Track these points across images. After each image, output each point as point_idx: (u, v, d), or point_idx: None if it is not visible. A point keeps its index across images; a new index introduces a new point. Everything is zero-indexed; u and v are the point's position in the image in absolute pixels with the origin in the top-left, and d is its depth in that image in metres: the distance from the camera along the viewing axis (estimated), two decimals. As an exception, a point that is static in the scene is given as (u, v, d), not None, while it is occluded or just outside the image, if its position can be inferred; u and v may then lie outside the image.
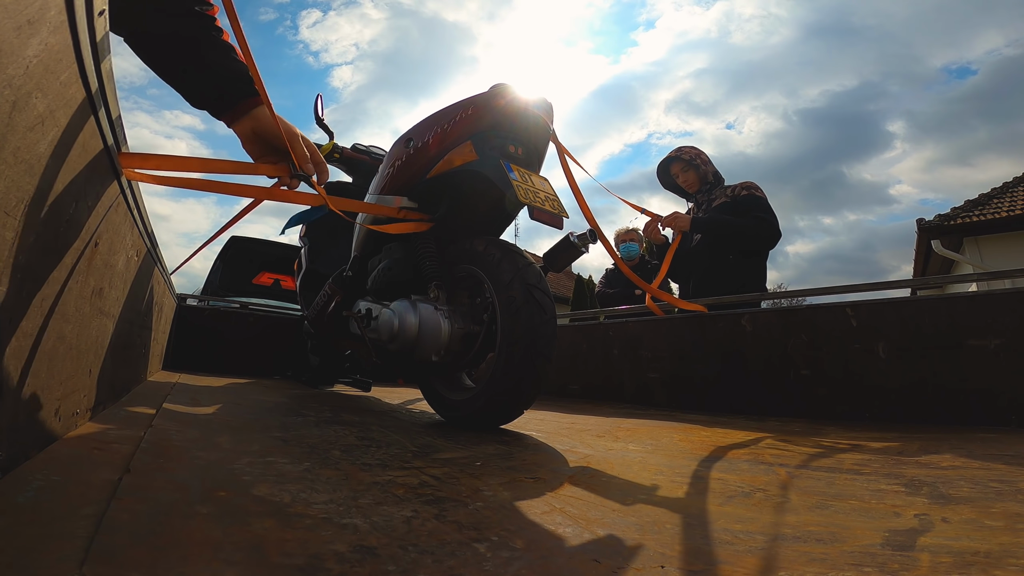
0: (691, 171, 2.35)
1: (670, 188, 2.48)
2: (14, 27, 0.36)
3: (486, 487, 0.64)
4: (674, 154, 2.40)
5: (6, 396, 0.46)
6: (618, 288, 3.17)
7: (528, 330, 1.04)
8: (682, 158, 2.36)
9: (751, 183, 2.23)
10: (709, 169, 2.33)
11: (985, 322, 1.28)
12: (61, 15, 0.43)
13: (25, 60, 0.38)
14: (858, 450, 0.95)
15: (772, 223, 2.11)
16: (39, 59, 0.40)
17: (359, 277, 1.53)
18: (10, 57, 0.36)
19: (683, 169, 2.37)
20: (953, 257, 6.71)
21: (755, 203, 2.15)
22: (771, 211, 2.13)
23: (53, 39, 0.42)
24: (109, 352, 0.89)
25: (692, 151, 2.37)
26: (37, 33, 0.39)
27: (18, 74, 0.37)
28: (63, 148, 0.50)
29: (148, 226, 1.12)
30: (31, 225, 0.45)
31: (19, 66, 0.37)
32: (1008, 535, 0.48)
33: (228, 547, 0.39)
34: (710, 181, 2.33)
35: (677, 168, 2.39)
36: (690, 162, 2.34)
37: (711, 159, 2.37)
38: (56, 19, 0.42)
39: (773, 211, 2.14)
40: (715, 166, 2.36)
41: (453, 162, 1.22)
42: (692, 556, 0.44)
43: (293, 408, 1.30)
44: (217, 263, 4.25)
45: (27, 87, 0.39)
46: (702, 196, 2.34)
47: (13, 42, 0.36)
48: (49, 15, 0.41)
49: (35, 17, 0.39)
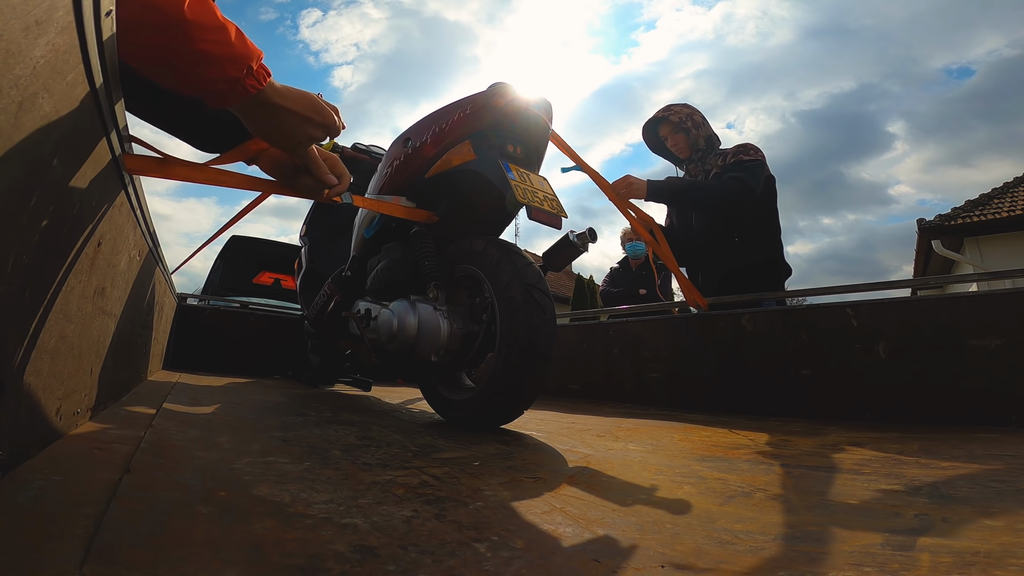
0: (680, 134, 2.03)
1: (658, 151, 2.16)
2: (22, 27, 0.36)
3: (486, 487, 0.64)
4: (662, 113, 2.07)
5: (8, 395, 0.46)
6: (622, 287, 3.18)
7: (528, 330, 1.04)
8: (670, 119, 2.04)
9: (745, 146, 1.95)
10: (701, 133, 2.02)
11: (985, 322, 1.28)
12: (68, 16, 0.43)
13: (32, 60, 0.38)
14: (858, 450, 0.95)
15: (745, 181, 1.82)
16: (46, 59, 0.40)
17: (358, 277, 1.53)
18: (17, 57, 0.36)
19: (672, 131, 2.05)
20: (954, 257, 6.70)
21: (736, 167, 1.88)
22: (754, 171, 1.87)
23: (60, 39, 0.42)
24: (110, 351, 0.89)
25: (683, 111, 2.04)
26: (44, 33, 0.39)
27: (25, 74, 0.37)
28: (68, 148, 0.50)
29: (151, 226, 1.12)
30: (35, 225, 0.45)
31: (26, 66, 0.37)
32: (1008, 535, 0.48)
33: (228, 547, 0.39)
34: (701, 147, 2.02)
35: (666, 130, 2.07)
36: (679, 124, 2.02)
37: (707, 120, 2.05)
38: (64, 19, 0.42)
39: (758, 170, 1.88)
40: (711, 128, 2.03)
41: (451, 162, 1.22)
42: (693, 556, 0.44)
43: (293, 408, 1.30)
44: (217, 262, 4.26)
45: (34, 87, 0.39)
46: (694, 165, 2.05)
47: (21, 42, 0.36)
48: (57, 15, 0.41)
49: (43, 17, 0.39)
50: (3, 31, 0.33)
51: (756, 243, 1.92)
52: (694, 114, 2.04)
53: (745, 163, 1.90)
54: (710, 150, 2.02)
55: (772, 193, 1.96)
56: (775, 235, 1.97)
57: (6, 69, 0.35)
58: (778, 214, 1.99)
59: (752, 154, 1.93)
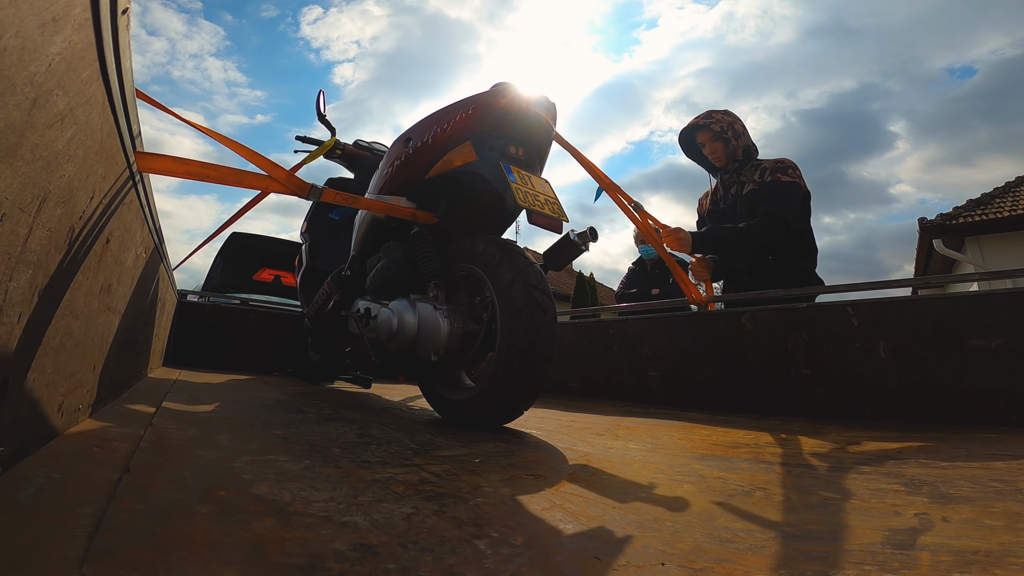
0: (719, 143, 1.98)
1: (694, 157, 2.13)
2: (38, 24, 0.36)
3: (486, 484, 0.64)
4: (702, 120, 2.02)
5: (11, 391, 0.46)
6: (637, 288, 3.20)
7: (528, 331, 1.03)
8: (711, 127, 1.99)
9: (782, 163, 1.91)
10: (740, 144, 1.98)
11: (986, 322, 1.28)
12: (86, 12, 0.43)
13: (48, 57, 0.38)
14: (858, 449, 0.95)
15: (781, 218, 1.80)
16: (62, 56, 0.40)
17: (358, 276, 1.53)
18: (33, 54, 0.36)
19: (711, 139, 2.00)
20: (955, 256, 6.69)
21: (773, 193, 1.85)
22: (788, 200, 1.84)
23: (77, 37, 0.42)
24: (113, 348, 0.89)
25: (725, 119, 1.99)
26: (61, 31, 0.39)
27: (40, 71, 0.37)
28: (81, 146, 0.50)
29: (157, 223, 1.12)
30: (46, 222, 0.45)
31: (41, 63, 0.37)
32: (1008, 534, 0.48)
33: (228, 546, 0.39)
34: (739, 158, 1.98)
35: (704, 137, 2.02)
36: (720, 133, 1.97)
37: (747, 130, 2.01)
38: (81, 16, 0.42)
39: (793, 198, 1.85)
40: (750, 138, 2.00)
41: (452, 162, 1.22)
42: (693, 554, 0.44)
43: (293, 405, 1.30)
44: (218, 259, 4.25)
45: (48, 84, 0.39)
46: (729, 176, 2.02)
47: (36, 39, 0.36)
48: (74, 12, 0.41)
49: (60, 15, 0.38)
50: (19, 28, 0.33)
51: (789, 261, 1.90)
52: (735, 123, 2.00)
53: (782, 188, 1.86)
54: (747, 161, 1.99)
55: (807, 211, 1.93)
56: (810, 251, 1.94)
57: (21, 66, 0.35)
58: (812, 230, 1.95)
59: (790, 174, 1.88)
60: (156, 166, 0.81)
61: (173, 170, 0.86)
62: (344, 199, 1.19)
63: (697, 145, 2.07)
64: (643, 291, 3.13)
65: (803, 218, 1.92)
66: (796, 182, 1.89)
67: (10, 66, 0.33)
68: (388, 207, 1.29)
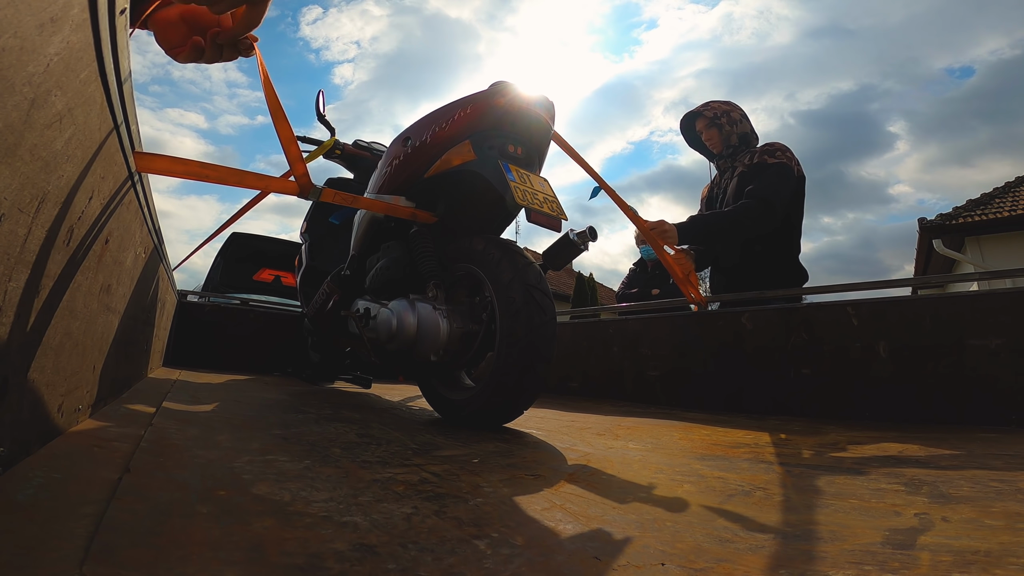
0: (714, 130, 2.06)
1: (694, 146, 2.20)
2: (36, 24, 0.36)
3: (486, 484, 0.64)
4: (700, 109, 2.11)
5: (11, 391, 0.46)
6: (638, 288, 3.21)
7: (528, 331, 1.03)
8: (705, 115, 2.07)
9: (771, 145, 1.93)
10: (735, 130, 2.03)
11: (986, 322, 1.28)
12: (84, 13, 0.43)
13: (46, 58, 0.38)
14: (858, 449, 0.95)
15: (767, 200, 1.79)
16: (60, 57, 0.40)
17: (357, 276, 1.53)
18: (31, 54, 0.36)
19: (706, 126, 2.08)
20: (955, 256, 6.70)
21: (757, 175, 1.87)
22: (773, 181, 1.84)
23: (75, 37, 0.42)
24: (113, 348, 0.89)
25: (720, 107, 2.06)
26: (59, 31, 0.39)
27: (38, 71, 0.37)
28: (79, 146, 0.50)
29: (156, 223, 1.12)
30: (44, 222, 0.45)
31: (40, 63, 0.37)
32: (1008, 534, 0.48)
33: (228, 546, 0.39)
34: (733, 144, 2.03)
35: (701, 125, 2.11)
36: (713, 120, 2.05)
37: (746, 117, 2.05)
38: (79, 17, 0.42)
39: (779, 179, 1.85)
40: (749, 125, 2.04)
41: (451, 161, 1.22)
42: (693, 554, 0.44)
43: (293, 405, 1.30)
44: (218, 259, 4.25)
45: (47, 84, 0.39)
46: (724, 162, 2.08)
47: (35, 39, 0.36)
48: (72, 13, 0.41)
49: (58, 15, 0.38)
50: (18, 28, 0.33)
51: (774, 249, 1.92)
52: (732, 111, 2.04)
53: (766, 169, 1.87)
54: (743, 147, 2.02)
55: (800, 195, 1.93)
56: (794, 239, 1.95)
57: (20, 66, 0.34)
58: (801, 217, 1.96)
59: (778, 156, 1.89)
60: (155, 166, 0.82)
61: (172, 170, 0.87)
62: (343, 199, 1.19)
63: (697, 134, 2.14)
64: (644, 291, 3.14)
65: (796, 203, 1.92)
66: (784, 163, 1.89)
67: (8, 66, 0.33)
68: (387, 207, 1.29)
